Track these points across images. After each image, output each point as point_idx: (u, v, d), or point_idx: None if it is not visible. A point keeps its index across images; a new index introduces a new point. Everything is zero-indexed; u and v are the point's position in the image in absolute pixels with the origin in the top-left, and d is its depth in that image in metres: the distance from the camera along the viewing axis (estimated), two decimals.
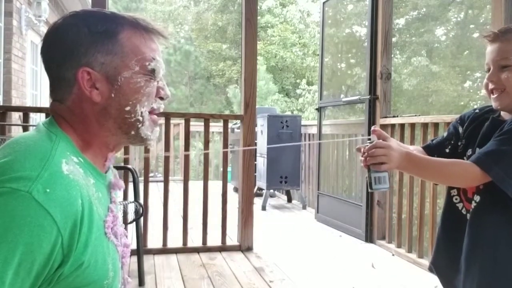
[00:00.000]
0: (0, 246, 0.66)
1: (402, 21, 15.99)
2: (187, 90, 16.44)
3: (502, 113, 1.34)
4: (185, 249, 3.33)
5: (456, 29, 15.94)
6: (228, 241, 3.46)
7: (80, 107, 0.85)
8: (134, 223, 2.68)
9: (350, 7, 5.71)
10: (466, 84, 15.51)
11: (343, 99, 4.33)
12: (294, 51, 16.69)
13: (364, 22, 4.19)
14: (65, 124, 0.85)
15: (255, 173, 5.27)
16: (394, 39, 9.89)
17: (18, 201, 0.68)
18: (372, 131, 1.29)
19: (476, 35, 14.82)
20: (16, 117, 3.94)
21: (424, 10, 15.69)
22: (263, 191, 5.30)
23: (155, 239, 3.34)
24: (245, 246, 3.42)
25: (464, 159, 1.36)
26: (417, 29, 15.48)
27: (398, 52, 15.41)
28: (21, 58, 5.40)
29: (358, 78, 4.82)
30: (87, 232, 0.74)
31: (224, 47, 17.72)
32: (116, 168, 1.06)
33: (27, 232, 0.67)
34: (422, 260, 3.08)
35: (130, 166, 2.88)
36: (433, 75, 14.60)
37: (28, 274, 0.68)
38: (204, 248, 3.36)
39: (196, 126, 7.04)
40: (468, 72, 15.15)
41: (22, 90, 5.46)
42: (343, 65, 5.23)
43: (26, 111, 3.30)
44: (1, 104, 4.73)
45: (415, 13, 15.94)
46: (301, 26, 17.34)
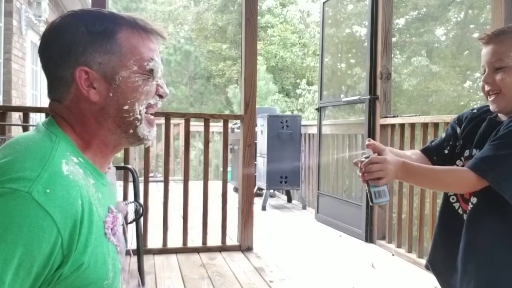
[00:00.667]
0: (0, 246, 0.65)
1: (402, 21, 15.98)
2: (187, 90, 16.43)
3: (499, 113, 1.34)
4: (185, 249, 3.33)
5: (456, 29, 15.94)
6: (228, 241, 3.46)
7: (78, 107, 0.85)
8: (134, 223, 2.67)
9: (350, 7, 5.70)
10: (466, 84, 15.51)
11: (343, 99, 4.33)
12: (294, 51, 16.67)
13: (364, 22, 4.19)
14: (64, 124, 0.85)
15: (255, 173, 5.27)
16: (394, 39, 9.89)
17: (18, 201, 0.68)
18: (366, 146, 1.28)
19: (476, 35, 14.81)
20: (16, 117, 3.94)
21: (424, 10, 15.69)
22: (263, 191, 5.30)
23: (155, 239, 3.34)
24: (245, 246, 3.42)
25: (462, 159, 1.36)
26: (417, 29, 15.47)
27: (398, 52, 15.41)
28: (21, 58, 5.39)
29: (358, 78, 4.82)
30: (87, 233, 0.74)
31: (224, 47, 17.70)
32: (116, 168, 1.05)
33: (26, 233, 0.67)
34: (422, 260, 3.07)
35: (130, 166, 2.87)
36: (433, 75, 14.59)
37: (27, 274, 0.68)
38: (204, 248, 3.36)
39: (196, 126, 7.03)
40: (468, 72, 15.14)
41: (22, 90, 5.46)
42: (343, 65, 5.23)
43: (26, 111, 3.30)
44: (1, 104, 4.72)
45: (415, 13, 15.94)
46: (301, 26, 17.33)
